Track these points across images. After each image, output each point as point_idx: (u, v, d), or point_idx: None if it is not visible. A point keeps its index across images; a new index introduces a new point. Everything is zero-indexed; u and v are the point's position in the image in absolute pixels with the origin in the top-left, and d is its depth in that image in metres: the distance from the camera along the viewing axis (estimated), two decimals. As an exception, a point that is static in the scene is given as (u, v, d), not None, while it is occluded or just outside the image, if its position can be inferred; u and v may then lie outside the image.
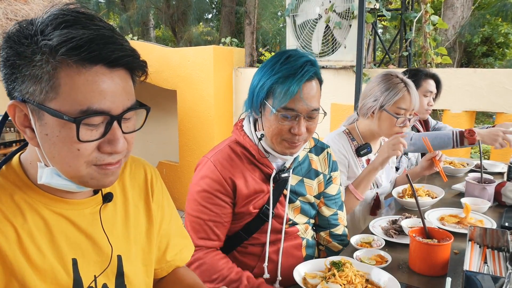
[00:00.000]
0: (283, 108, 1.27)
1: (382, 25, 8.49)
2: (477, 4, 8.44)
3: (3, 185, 0.82)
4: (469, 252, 1.23)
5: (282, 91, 1.25)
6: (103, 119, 0.77)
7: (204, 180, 1.38)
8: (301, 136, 1.32)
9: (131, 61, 0.78)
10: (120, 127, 0.79)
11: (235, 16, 11.00)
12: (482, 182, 1.88)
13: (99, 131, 0.77)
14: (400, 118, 1.84)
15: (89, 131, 0.75)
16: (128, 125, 0.82)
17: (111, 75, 0.75)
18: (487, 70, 3.19)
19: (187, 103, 4.66)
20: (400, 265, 1.29)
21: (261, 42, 10.17)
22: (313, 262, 1.26)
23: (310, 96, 1.27)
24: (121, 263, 0.94)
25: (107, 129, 0.77)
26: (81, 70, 0.72)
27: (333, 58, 3.78)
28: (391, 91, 1.84)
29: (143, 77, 0.86)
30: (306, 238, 1.54)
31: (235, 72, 4.61)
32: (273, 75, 1.27)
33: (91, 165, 0.79)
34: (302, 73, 1.25)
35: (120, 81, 0.77)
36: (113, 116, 0.76)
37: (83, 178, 0.80)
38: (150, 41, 9.67)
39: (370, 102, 1.91)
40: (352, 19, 3.57)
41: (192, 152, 4.74)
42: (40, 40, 0.71)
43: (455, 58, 7.61)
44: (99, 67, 0.74)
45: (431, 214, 1.67)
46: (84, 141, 0.75)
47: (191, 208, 1.40)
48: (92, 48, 0.71)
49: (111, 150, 0.78)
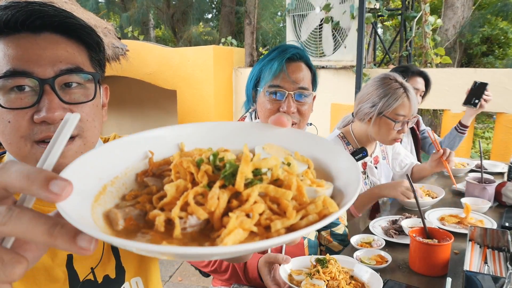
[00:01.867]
0: (269, 86, 1.34)
1: (382, 25, 8.48)
2: (477, 4, 8.43)
3: None
4: (469, 252, 1.23)
5: (267, 70, 1.34)
6: (30, 83, 0.72)
7: None
8: (290, 117, 1.33)
9: (54, 20, 0.74)
10: (56, 94, 0.73)
11: (235, 16, 11.00)
12: (483, 182, 1.88)
13: (31, 100, 0.71)
14: (399, 123, 1.81)
15: (18, 100, 0.71)
16: (74, 96, 0.76)
17: (36, 39, 0.73)
18: (487, 70, 3.19)
19: (187, 103, 4.65)
20: (400, 265, 1.29)
21: (261, 42, 10.17)
22: (299, 259, 1.27)
23: (295, 75, 1.33)
24: (117, 251, 0.92)
25: (39, 96, 0.71)
26: (4, 38, 0.72)
27: (333, 58, 3.77)
28: (390, 97, 1.78)
29: (99, 46, 0.82)
30: (308, 238, 1.54)
31: (235, 72, 4.61)
32: (261, 61, 1.38)
33: (31, 142, 0.73)
34: (284, 53, 1.33)
35: (48, 45, 0.74)
36: (40, 79, 0.71)
37: (28, 160, 0.73)
38: (150, 41, 9.67)
39: (367, 108, 1.85)
40: (352, 19, 3.57)
41: (192, 152, 4.74)
42: None
43: (455, 58, 7.60)
44: (24, 33, 0.73)
45: (431, 214, 1.67)
46: (10, 108, 0.70)
47: None
48: (15, 14, 0.71)
49: (44, 118, 0.70)
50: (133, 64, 4.40)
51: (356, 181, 0.45)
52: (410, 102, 1.80)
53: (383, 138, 1.88)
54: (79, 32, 0.79)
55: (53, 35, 0.75)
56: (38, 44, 0.73)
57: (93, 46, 0.82)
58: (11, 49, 0.71)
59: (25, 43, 0.72)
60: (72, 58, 0.76)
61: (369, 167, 2.02)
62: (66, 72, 0.74)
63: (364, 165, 2.01)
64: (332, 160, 0.53)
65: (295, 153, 0.53)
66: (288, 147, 0.55)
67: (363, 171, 2.03)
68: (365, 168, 2.03)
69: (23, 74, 0.70)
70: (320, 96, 3.90)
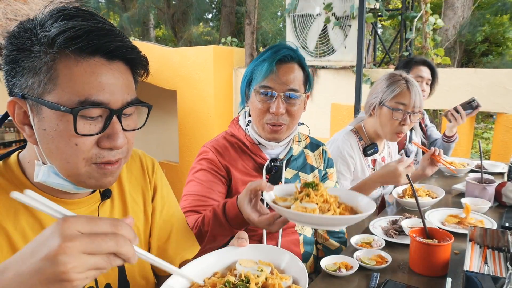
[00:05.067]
0: (260, 87, 1.36)
1: (382, 25, 8.49)
2: (477, 4, 8.42)
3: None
4: (469, 252, 1.23)
5: (258, 70, 1.35)
6: (101, 112, 0.75)
7: (199, 162, 1.45)
8: (280, 117, 1.36)
9: (130, 54, 0.77)
10: (120, 123, 0.77)
11: (235, 16, 11.00)
12: (483, 182, 1.87)
13: (98, 125, 0.75)
14: (398, 112, 1.83)
15: (87, 125, 0.74)
16: (128, 123, 0.81)
17: (110, 67, 0.75)
18: (487, 70, 3.19)
19: (187, 103, 4.65)
20: (400, 265, 1.29)
21: (261, 42, 10.16)
22: (283, 187, 1.17)
23: (286, 77, 1.34)
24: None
25: (106, 123, 0.75)
26: (80, 61, 0.72)
27: (333, 58, 3.77)
28: (390, 87, 1.85)
29: (144, 75, 0.86)
30: (303, 234, 1.54)
31: (235, 72, 4.61)
32: (255, 61, 1.39)
33: (90, 164, 0.77)
34: (276, 54, 1.34)
35: (119, 74, 0.76)
36: (112, 109, 0.75)
37: (81, 177, 0.78)
38: (150, 41, 9.66)
39: (371, 99, 1.93)
40: (352, 19, 3.57)
41: (192, 152, 4.74)
42: (39, 32, 0.71)
43: (455, 58, 7.60)
44: (98, 58, 0.73)
45: (431, 214, 1.67)
46: (82, 134, 0.73)
47: (187, 190, 1.42)
48: (90, 38, 0.71)
49: (111, 145, 0.76)
50: (133, 64, 4.38)
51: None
52: (410, 92, 1.83)
53: (386, 130, 1.90)
54: (143, 65, 0.83)
55: (122, 65, 0.78)
56: (111, 73, 0.75)
57: (141, 73, 0.86)
58: (88, 75, 0.72)
59: (100, 71, 0.73)
60: (132, 89, 0.81)
61: (378, 163, 2.05)
62: (131, 104, 0.79)
63: (373, 161, 2.03)
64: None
65: (258, 260, 0.92)
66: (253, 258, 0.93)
67: (373, 167, 2.04)
68: (375, 165, 2.04)
69: (100, 105, 0.73)
70: (320, 96, 3.91)
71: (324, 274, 1.22)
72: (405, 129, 1.88)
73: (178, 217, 1.12)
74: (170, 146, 5.68)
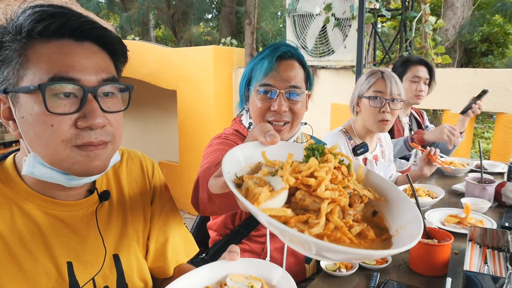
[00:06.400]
0: (260, 85, 1.32)
1: (381, 25, 8.48)
2: (477, 4, 8.43)
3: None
4: (469, 252, 1.23)
5: (258, 68, 1.32)
6: (75, 91, 0.74)
7: (213, 140, 1.41)
8: (282, 115, 1.31)
9: (98, 32, 0.78)
10: (97, 102, 0.76)
11: (235, 16, 10.99)
12: (482, 182, 1.87)
13: (74, 106, 0.74)
14: (376, 101, 1.89)
15: (62, 105, 0.73)
16: (109, 105, 0.80)
17: (81, 47, 0.76)
18: (487, 70, 3.19)
19: (187, 103, 4.65)
20: (400, 265, 1.29)
21: (261, 42, 10.16)
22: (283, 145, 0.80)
23: (287, 73, 1.31)
24: (119, 263, 0.93)
25: (82, 102, 0.74)
26: (48, 43, 0.73)
27: (333, 58, 3.77)
28: (367, 79, 1.94)
29: (123, 61, 0.86)
30: None
31: (235, 72, 4.61)
32: (253, 60, 1.37)
33: (71, 146, 0.75)
34: (275, 51, 1.31)
35: (91, 54, 0.77)
36: (85, 87, 0.74)
37: (64, 163, 0.76)
38: (150, 41, 9.67)
39: (353, 96, 2.03)
40: (352, 19, 3.57)
41: (192, 153, 4.74)
42: (9, 24, 0.74)
43: (455, 58, 7.60)
44: (66, 40, 0.75)
45: (431, 214, 1.67)
46: (55, 112, 0.72)
47: (203, 161, 1.30)
48: (54, 18, 0.72)
49: (87, 124, 0.74)
50: (133, 64, 4.39)
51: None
52: (385, 80, 1.90)
53: (370, 121, 1.96)
54: (114, 45, 0.82)
55: (93, 45, 0.78)
56: (82, 53, 0.75)
57: (120, 58, 0.86)
58: (57, 54, 0.73)
59: (69, 50, 0.74)
60: (109, 69, 0.80)
61: (369, 162, 2.05)
62: (107, 82, 0.78)
63: (364, 160, 2.03)
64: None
65: (249, 275, 0.90)
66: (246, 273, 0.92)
67: (364, 166, 2.04)
68: (366, 163, 2.04)
69: (70, 81, 0.73)
70: (320, 96, 3.91)
71: (324, 274, 1.22)
72: (387, 116, 1.91)
73: (176, 220, 1.12)
74: (170, 146, 5.68)
